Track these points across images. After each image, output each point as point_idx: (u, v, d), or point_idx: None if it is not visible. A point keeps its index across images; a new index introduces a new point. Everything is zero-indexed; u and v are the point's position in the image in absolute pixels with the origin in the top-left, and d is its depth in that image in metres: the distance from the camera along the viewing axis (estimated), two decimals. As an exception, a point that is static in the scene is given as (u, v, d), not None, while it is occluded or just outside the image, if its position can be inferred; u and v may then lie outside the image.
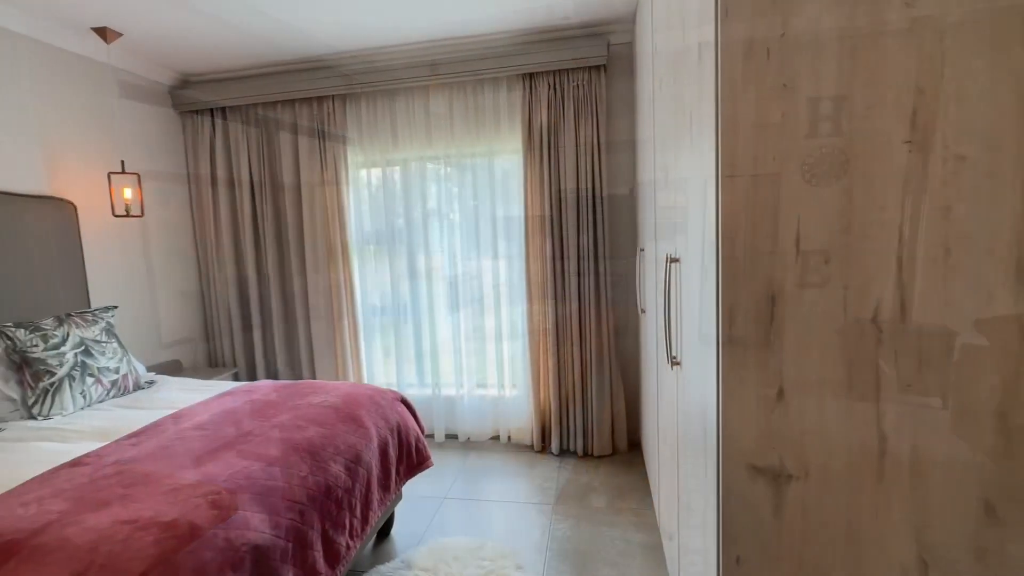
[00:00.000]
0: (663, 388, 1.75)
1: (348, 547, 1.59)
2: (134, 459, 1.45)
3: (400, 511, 2.38)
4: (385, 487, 1.90)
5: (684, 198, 1.25)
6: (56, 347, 1.99)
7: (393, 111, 3.02)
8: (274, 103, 3.10)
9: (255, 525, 1.24)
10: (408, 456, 2.10)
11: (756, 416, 0.92)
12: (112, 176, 2.58)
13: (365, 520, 1.72)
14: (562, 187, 2.79)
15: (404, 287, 3.17)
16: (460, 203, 3.03)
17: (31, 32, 2.37)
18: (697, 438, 1.15)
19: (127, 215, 2.62)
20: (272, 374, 3.32)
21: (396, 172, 3.12)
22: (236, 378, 3.22)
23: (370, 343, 3.25)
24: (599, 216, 2.76)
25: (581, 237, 2.79)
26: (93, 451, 1.52)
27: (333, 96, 3.02)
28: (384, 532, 2.21)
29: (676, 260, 1.35)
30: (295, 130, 3.11)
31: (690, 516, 1.29)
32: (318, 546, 1.44)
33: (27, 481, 1.36)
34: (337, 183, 3.06)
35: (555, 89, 2.75)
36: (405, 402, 2.24)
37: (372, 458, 1.81)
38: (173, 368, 3.05)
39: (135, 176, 2.65)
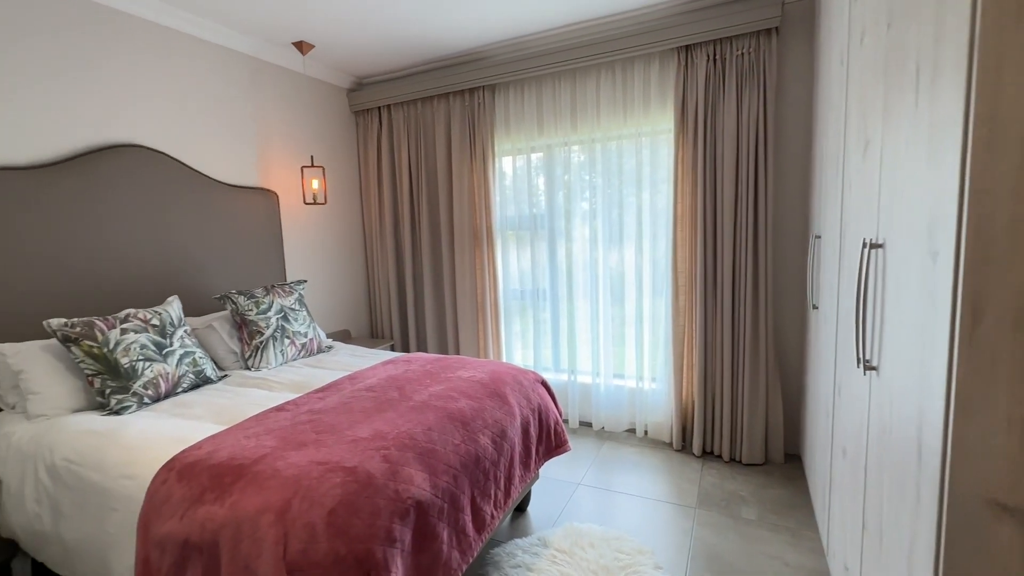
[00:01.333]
0: (846, 396, 1.51)
1: (492, 516, 1.67)
2: (321, 411, 1.69)
3: (536, 490, 2.44)
4: (526, 465, 1.95)
5: (897, 171, 1.04)
6: (264, 312, 2.40)
7: (539, 97, 3.05)
8: (431, 97, 3.34)
9: (418, 482, 1.35)
10: (547, 438, 2.13)
11: (1006, 441, 0.73)
12: (304, 169, 3.02)
13: (507, 493, 1.79)
14: (718, 168, 2.56)
15: (543, 272, 3.21)
16: (604, 188, 2.95)
17: (248, 50, 2.86)
18: (904, 459, 0.96)
19: (314, 203, 3.05)
20: (422, 347, 3.63)
21: (539, 158, 3.15)
22: (392, 349, 3.58)
23: (509, 325, 3.37)
24: (761, 200, 2.48)
25: (739, 223, 2.53)
26: (291, 400, 1.81)
27: (483, 87, 3.14)
28: (520, 508, 2.29)
29: (878, 246, 1.14)
30: (448, 121, 3.31)
31: (883, 550, 1.09)
32: (468, 511, 1.53)
33: (246, 419, 1.66)
34: (484, 170, 3.20)
35: (714, 60, 2.52)
36: (545, 385, 2.28)
37: (515, 435, 1.87)
38: (343, 336, 3.50)
39: (321, 169, 3.07)
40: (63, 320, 1.83)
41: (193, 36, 2.58)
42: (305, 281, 2.76)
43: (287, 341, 2.44)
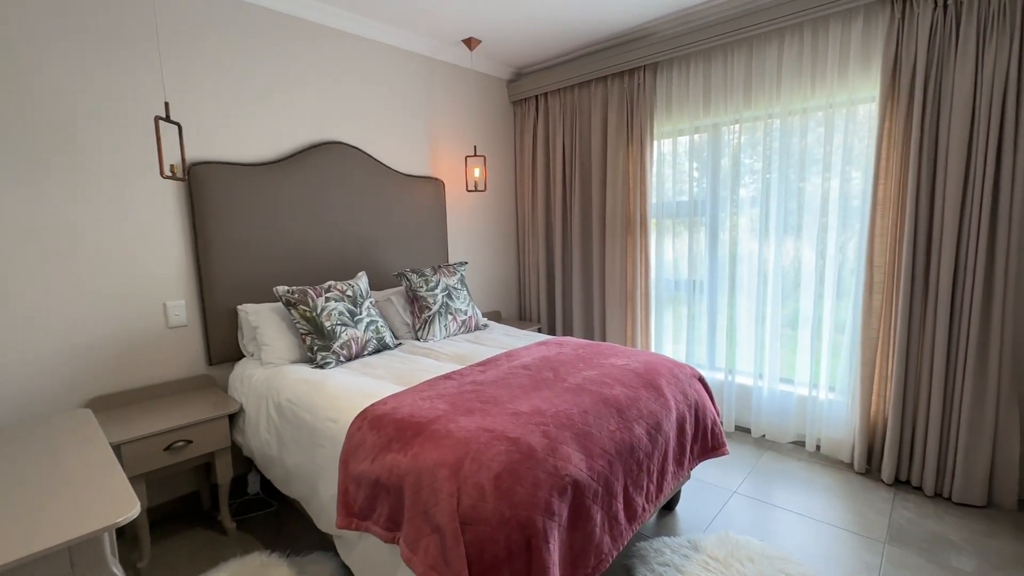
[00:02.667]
0: None
1: (643, 508, 1.63)
2: (483, 383, 1.81)
3: (686, 491, 2.32)
4: (679, 462, 1.86)
5: None
6: (432, 289, 2.65)
7: (707, 73, 2.82)
8: (587, 82, 3.31)
9: (575, 462, 1.38)
10: (703, 437, 2.00)
11: None
12: (467, 159, 3.24)
13: (659, 488, 1.73)
14: (940, 143, 2.10)
15: (702, 262, 3.00)
16: (779, 169, 2.63)
17: (424, 51, 3.13)
18: None
19: (475, 190, 3.26)
20: (567, 331, 3.67)
21: (703, 139, 2.92)
22: (539, 332, 3.69)
23: (660, 316, 3.23)
24: (1004, 183, 1.97)
25: (968, 211, 2.06)
26: (455, 371, 1.97)
27: (644, 67, 3.01)
28: (668, 507, 2.20)
29: None
30: (605, 105, 3.25)
31: None
32: (620, 498, 1.51)
33: (420, 383, 1.86)
34: (641, 154, 3.08)
35: (944, 6, 2.05)
36: (702, 381, 2.14)
37: (670, 429, 1.79)
38: (494, 317, 3.70)
39: (482, 158, 3.26)
40: (286, 287, 2.24)
41: (381, 43, 2.92)
42: (466, 263, 2.97)
43: (450, 317, 2.66)
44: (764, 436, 2.81)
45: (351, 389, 1.85)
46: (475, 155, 3.22)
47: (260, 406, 2.02)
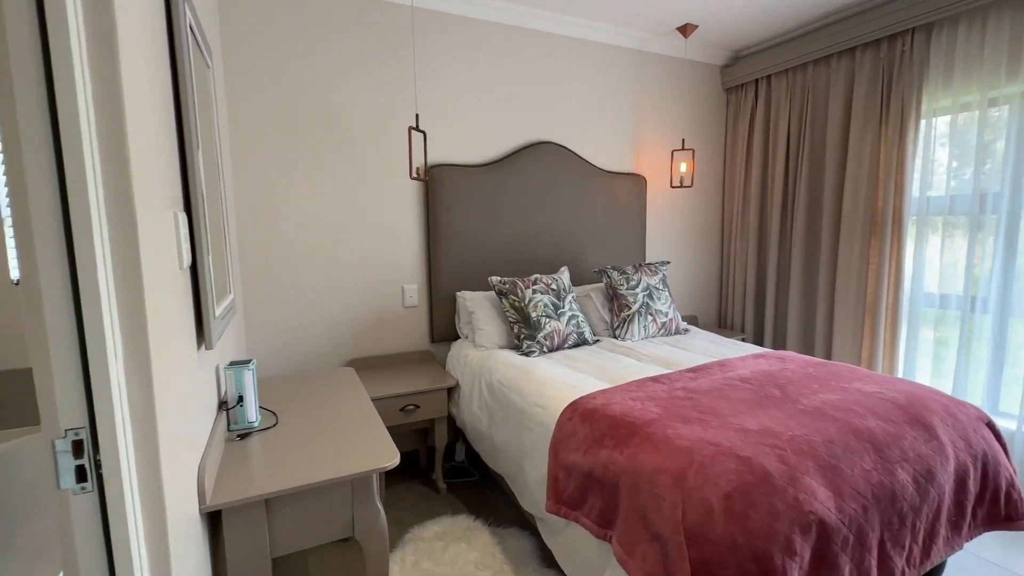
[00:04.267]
0: None
1: (903, 573, 1.32)
2: (696, 391, 1.69)
3: (954, 564, 1.83)
4: (955, 526, 1.46)
5: None
6: (633, 288, 2.59)
7: (1013, 24, 2.15)
8: (825, 58, 2.83)
9: (821, 498, 1.18)
10: (992, 501, 1.54)
11: None
12: (674, 153, 3.07)
13: (926, 553, 1.38)
14: None
15: (990, 273, 2.31)
16: None
17: (633, 44, 3.06)
18: None
19: (680, 186, 3.07)
20: (779, 344, 3.23)
21: (1003, 113, 2.24)
22: (744, 342, 3.32)
23: (913, 337, 2.60)
24: None
25: None
26: (663, 374, 1.88)
27: (913, 29, 2.44)
28: (926, 576, 1.75)
29: None
30: (850, 82, 2.74)
31: None
32: (875, 554, 1.25)
33: (626, 382, 1.82)
34: (901, 137, 2.52)
35: None
36: (992, 428, 1.65)
37: (946, 483, 1.42)
38: (691, 321, 3.46)
39: (690, 152, 3.06)
40: (499, 278, 2.42)
41: (588, 40, 2.94)
42: (668, 262, 2.83)
43: (649, 318, 2.56)
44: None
45: (556, 379, 1.91)
46: (683, 149, 3.04)
47: (474, 384, 2.23)
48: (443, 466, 2.51)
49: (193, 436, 1.08)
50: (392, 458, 1.27)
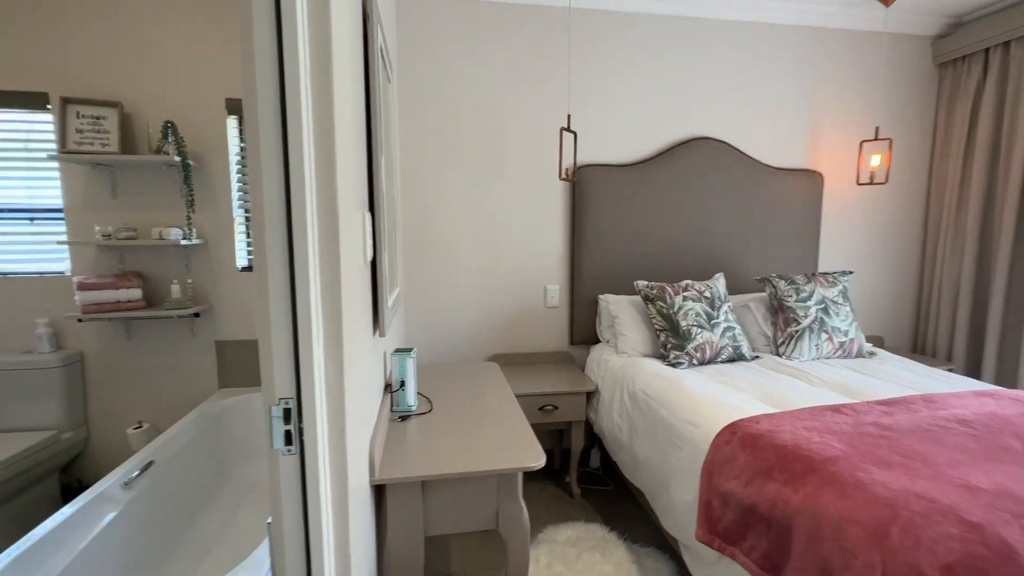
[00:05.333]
0: None
1: None
2: (893, 428, 1.40)
3: None
4: None
5: None
6: (804, 300, 2.26)
7: None
8: (1106, 11, 2.15)
9: (1098, 597, 0.88)
10: None
11: None
12: (863, 144, 2.61)
13: None
14: None
15: None
16: None
17: (811, 22, 2.66)
18: None
19: (870, 182, 2.60)
20: (1002, 380, 2.57)
21: None
22: (952, 372, 2.71)
23: None
24: None
25: None
26: (847, 404, 1.59)
27: None
28: None
29: None
30: None
31: None
32: None
33: (798, 409, 1.58)
34: None
35: None
36: None
37: None
38: (875, 343, 2.92)
39: (887, 142, 2.58)
40: (646, 282, 2.30)
41: (756, 23, 2.63)
42: (851, 272, 2.42)
43: (824, 336, 2.21)
44: None
45: (710, 396, 1.74)
46: (875, 139, 2.56)
47: (615, 391, 2.15)
48: (577, 471, 2.48)
49: (367, 414, 1.19)
50: (538, 459, 1.27)
